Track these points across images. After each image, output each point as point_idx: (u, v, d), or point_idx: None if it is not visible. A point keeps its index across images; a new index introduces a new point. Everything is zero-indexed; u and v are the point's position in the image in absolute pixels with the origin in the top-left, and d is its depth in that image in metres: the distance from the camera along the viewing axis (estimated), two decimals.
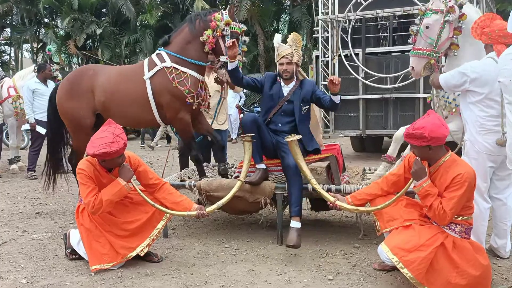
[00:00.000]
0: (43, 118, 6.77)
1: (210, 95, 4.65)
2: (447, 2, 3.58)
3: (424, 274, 2.74)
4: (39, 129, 7.09)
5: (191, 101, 4.22)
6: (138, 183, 3.53)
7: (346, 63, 8.47)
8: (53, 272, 3.33)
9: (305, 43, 16.89)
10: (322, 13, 8.98)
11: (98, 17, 19.47)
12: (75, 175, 3.71)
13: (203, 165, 4.48)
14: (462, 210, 2.86)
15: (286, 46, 4.03)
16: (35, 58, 21.69)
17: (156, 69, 4.29)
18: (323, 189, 3.58)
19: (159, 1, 19.26)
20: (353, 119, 8.73)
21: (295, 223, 3.60)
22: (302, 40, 4.37)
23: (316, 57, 9.27)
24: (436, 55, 3.60)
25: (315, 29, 9.93)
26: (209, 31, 4.16)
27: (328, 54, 8.87)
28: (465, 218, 2.89)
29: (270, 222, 4.27)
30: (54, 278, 3.22)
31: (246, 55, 4.42)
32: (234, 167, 4.95)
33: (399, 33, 8.69)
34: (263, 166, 3.93)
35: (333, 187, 3.73)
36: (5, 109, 7.53)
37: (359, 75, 8.42)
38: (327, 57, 8.91)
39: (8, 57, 24.57)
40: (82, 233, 3.40)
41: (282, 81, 4.06)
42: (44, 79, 7.28)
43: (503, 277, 3.10)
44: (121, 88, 4.41)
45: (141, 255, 3.40)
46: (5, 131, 8.48)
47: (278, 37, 4.16)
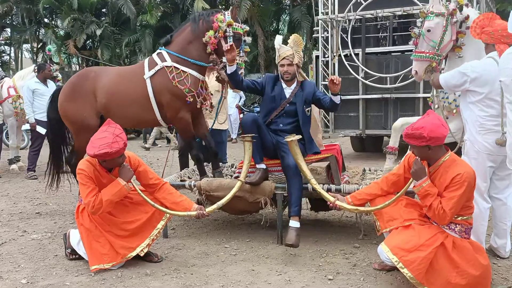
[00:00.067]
0: (43, 118, 6.77)
1: (211, 94, 4.65)
2: (447, 4, 3.59)
3: (424, 274, 2.75)
4: (39, 129, 7.09)
5: (191, 100, 4.21)
6: (138, 183, 3.53)
7: (346, 63, 8.46)
8: (53, 272, 3.33)
9: (305, 43, 16.87)
10: (322, 13, 8.98)
11: (98, 17, 19.46)
12: (75, 175, 3.71)
13: (204, 165, 4.49)
14: (462, 210, 2.86)
15: (287, 47, 4.03)
16: (35, 58, 21.68)
17: (156, 68, 4.29)
18: (323, 189, 3.58)
19: (159, 1, 19.26)
20: (353, 119, 8.73)
21: (294, 223, 3.60)
22: (302, 41, 4.36)
23: (316, 57, 9.27)
24: (438, 58, 3.62)
25: (315, 29, 9.93)
26: (211, 32, 4.15)
27: (328, 54, 8.86)
28: (465, 218, 2.90)
29: (270, 222, 4.27)
30: (54, 278, 3.22)
31: (246, 55, 4.41)
32: (234, 167, 4.95)
33: (399, 33, 8.68)
34: (263, 166, 3.93)
35: (333, 187, 3.73)
36: (5, 109, 7.53)
37: (359, 75, 8.42)
38: (327, 57, 8.91)
39: (8, 57, 24.58)
40: (82, 233, 3.41)
41: (283, 82, 4.06)
42: (44, 79, 7.27)
43: (503, 277, 3.10)
44: (122, 88, 4.41)
45: (141, 255, 3.40)
46: (5, 131, 8.47)
47: (279, 38, 4.16)
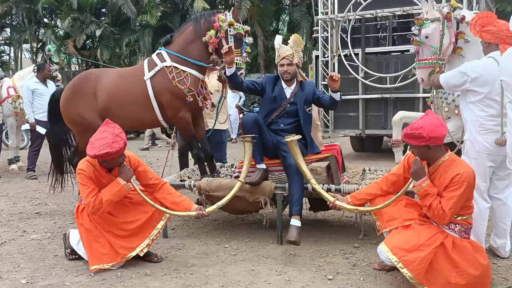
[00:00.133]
0: (43, 118, 6.78)
1: (211, 93, 4.64)
2: (441, 8, 3.61)
3: (423, 274, 2.74)
4: (39, 129, 7.09)
5: (192, 99, 4.22)
6: (138, 183, 3.53)
7: (345, 63, 8.46)
8: (53, 272, 3.33)
9: (304, 43, 16.86)
10: (321, 13, 8.98)
11: (97, 17, 19.45)
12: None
13: (205, 164, 4.48)
14: (461, 209, 2.86)
15: (286, 47, 4.03)
16: (34, 58, 21.68)
17: (156, 69, 4.29)
18: (322, 189, 3.58)
19: (158, 1, 19.25)
20: (352, 119, 8.73)
21: (296, 221, 3.60)
22: (302, 41, 4.37)
23: (315, 57, 9.27)
24: (442, 62, 3.63)
25: (314, 29, 9.93)
26: (212, 32, 4.16)
27: (327, 54, 8.86)
28: (464, 217, 2.90)
29: (269, 222, 4.26)
30: (53, 278, 3.22)
31: (247, 55, 4.41)
32: (234, 167, 4.95)
33: (398, 33, 8.68)
34: (264, 166, 3.92)
35: (333, 187, 3.72)
36: (5, 109, 7.52)
37: (358, 75, 8.42)
38: (326, 57, 8.91)
39: (7, 57, 24.58)
40: (81, 233, 3.40)
41: (283, 82, 4.06)
42: (43, 79, 7.27)
43: (502, 277, 3.10)
44: (123, 90, 4.41)
45: (141, 255, 3.40)
46: (5, 131, 8.46)
47: (279, 38, 4.16)
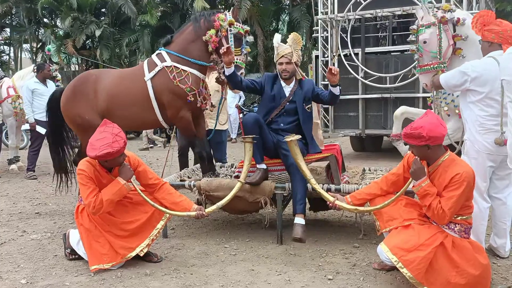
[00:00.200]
0: (42, 118, 6.77)
1: (210, 94, 4.65)
2: (435, 13, 3.65)
3: (423, 273, 2.75)
4: (39, 129, 7.09)
5: (193, 99, 4.22)
6: (137, 183, 3.53)
7: (345, 62, 8.46)
8: (53, 272, 3.33)
9: (304, 42, 16.86)
10: (321, 12, 8.98)
11: (97, 17, 19.43)
12: None
13: (207, 163, 4.48)
14: (461, 209, 2.86)
15: (285, 45, 4.04)
16: (34, 58, 21.67)
17: (157, 69, 4.29)
18: (322, 189, 3.58)
19: (158, 1, 19.24)
20: (352, 118, 8.73)
21: (300, 220, 3.62)
22: (301, 40, 4.37)
23: (315, 56, 9.27)
24: (444, 66, 3.69)
25: (314, 28, 9.93)
26: (212, 31, 4.17)
27: (327, 53, 8.86)
28: (464, 217, 2.89)
29: (269, 222, 4.26)
30: (53, 278, 3.22)
31: (247, 55, 4.42)
32: (234, 167, 4.95)
33: (398, 33, 8.68)
34: (264, 166, 3.92)
35: (333, 187, 3.72)
36: (5, 109, 7.53)
37: (358, 74, 8.42)
38: (326, 56, 8.90)
39: (7, 57, 24.57)
40: (81, 233, 3.40)
41: (282, 81, 4.06)
42: (43, 79, 7.26)
43: (502, 277, 3.10)
44: (123, 90, 4.41)
45: (141, 255, 3.40)
46: (5, 131, 8.46)
47: (277, 37, 4.17)
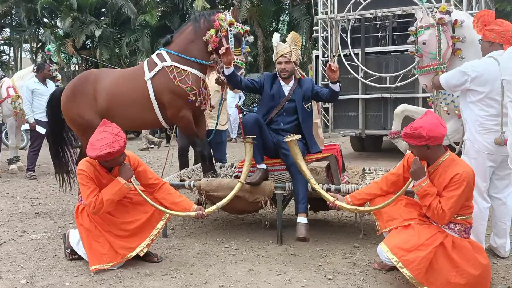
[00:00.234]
0: (42, 118, 6.77)
1: (210, 94, 4.66)
2: (434, 14, 3.66)
3: (423, 273, 2.75)
4: (39, 129, 7.08)
5: (193, 98, 4.22)
6: (137, 183, 3.53)
7: (345, 62, 8.45)
8: (53, 272, 3.33)
9: (304, 42, 16.88)
10: (321, 12, 8.98)
11: (97, 17, 19.44)
12: None
13: (207, 163, 4.48)
14: (461, 209, 2.86)
15: (284, 45, 4.04)
16: (34, 58, 21.67)
17: (157, 69, 4.30)
18: (322, 189, 3.58)
19: (158, 1, 19.24)
20: (352, 118, 8.72)
21: (303, 219, 3.64)
22: (301, 39, 4.38)
23: (315, 56, 9.26)
24: (443, 67, 3.69)
25: (314, 28, 9.92)
26: (212, 31, 4.17)
27: (327, 53, 8.85)
28: (464, 217, 2.89)
29: (269, 222, 4.26)
30: (53, 278, 3.22)
31: (247, 55, 4.42)
32: (234, 167, 4.94)
33: (398, 33, 8.68)
34: (264, 166, 3.92)
35: (333, 187, 3.72)
36: (5, 109, 7.53)
37: (358, 74, 8.42)
38: (326, 56, 8.90)
39: (7, 57, 24.57)
40: (81, 233, 3.40)
41: (281, 80, 4.06)
42: (43, 79, 7.26)
43: (502, 277, 3.10)
44: (123, 90, 4.41)
45: (141, 255, 3.40)
46: (5, 131, 8.46)
47: (277, 36, 4.17)
